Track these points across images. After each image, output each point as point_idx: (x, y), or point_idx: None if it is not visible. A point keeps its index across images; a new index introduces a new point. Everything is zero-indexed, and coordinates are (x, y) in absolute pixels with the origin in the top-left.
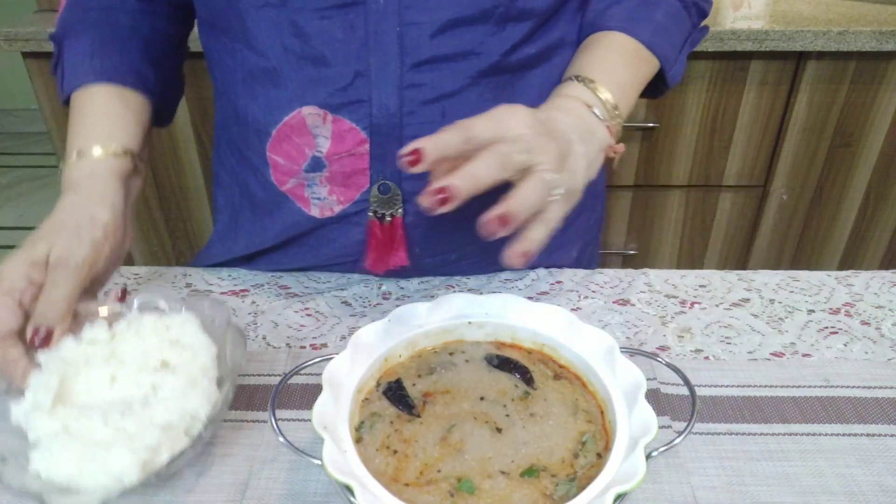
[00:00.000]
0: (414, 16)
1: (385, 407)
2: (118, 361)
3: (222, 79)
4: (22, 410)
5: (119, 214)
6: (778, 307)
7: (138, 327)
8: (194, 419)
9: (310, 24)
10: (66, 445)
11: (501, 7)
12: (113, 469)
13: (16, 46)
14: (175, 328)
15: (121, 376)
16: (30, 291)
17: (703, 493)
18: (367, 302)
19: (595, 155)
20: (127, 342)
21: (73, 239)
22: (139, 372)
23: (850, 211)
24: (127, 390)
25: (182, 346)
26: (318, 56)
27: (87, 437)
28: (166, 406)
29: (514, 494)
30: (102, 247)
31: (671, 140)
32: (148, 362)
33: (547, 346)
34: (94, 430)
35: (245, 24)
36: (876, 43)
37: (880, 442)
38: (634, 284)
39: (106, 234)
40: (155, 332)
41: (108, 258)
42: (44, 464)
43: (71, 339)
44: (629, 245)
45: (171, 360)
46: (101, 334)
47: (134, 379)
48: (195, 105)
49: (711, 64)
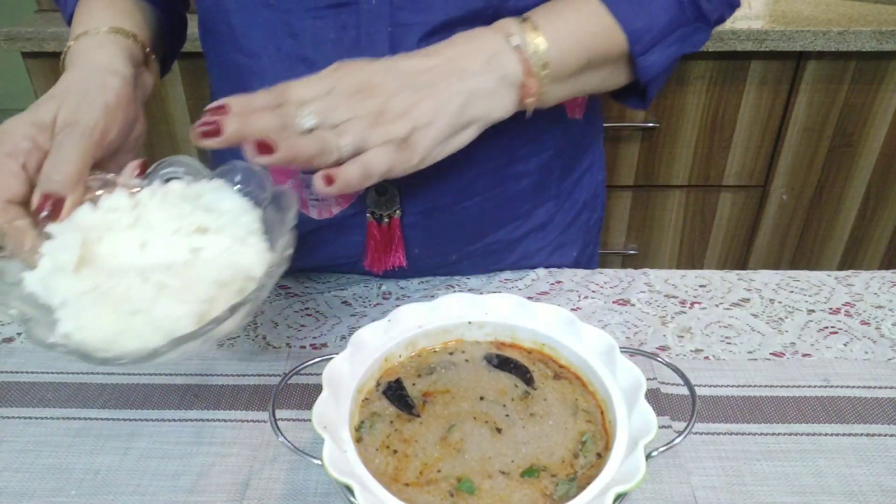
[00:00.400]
0: (406, 17)
1: (385, 407)
2: (146, 226)
3: (218, 79)
4: (38, 276)
5: (130, 87)
6: (778, 307)
7: (165, 194)
8: (248, 279)
9: (302, 25)
10: (99, 303)
11: (491, 8)
12: (162, 322)
13: (16, 46)
14: (208, 195)
15: (152, 241)
16: (35, 156)
17: (703, 493)
18: (367, 302)
19: (492, 87)
20: (153, 209)
21: (82, 102)
22: (173, 235)
23: (850, 211)
24: (162, 255)
25: (220, 212)
26: (311, 56)
27: (123, 295)
28: (215, 264)
29: (514, 494)
30: (115, 113)
31: (671, 140)
32: (182, 227)
33: (547, 346)
34: (132, 289)
35: (233, 26)
36: (876, 43)
37: (880, 442)
38: (634, 284)
39: (118, 101)
40: (184, 199)
41: (121, 131)
42: (73, 323)
43: (87, 206)
44: (629, 245)
45: (209, 226)
46: (121, 202)
47: (167, 243)
48: (195, 105)
49: (711, 64)
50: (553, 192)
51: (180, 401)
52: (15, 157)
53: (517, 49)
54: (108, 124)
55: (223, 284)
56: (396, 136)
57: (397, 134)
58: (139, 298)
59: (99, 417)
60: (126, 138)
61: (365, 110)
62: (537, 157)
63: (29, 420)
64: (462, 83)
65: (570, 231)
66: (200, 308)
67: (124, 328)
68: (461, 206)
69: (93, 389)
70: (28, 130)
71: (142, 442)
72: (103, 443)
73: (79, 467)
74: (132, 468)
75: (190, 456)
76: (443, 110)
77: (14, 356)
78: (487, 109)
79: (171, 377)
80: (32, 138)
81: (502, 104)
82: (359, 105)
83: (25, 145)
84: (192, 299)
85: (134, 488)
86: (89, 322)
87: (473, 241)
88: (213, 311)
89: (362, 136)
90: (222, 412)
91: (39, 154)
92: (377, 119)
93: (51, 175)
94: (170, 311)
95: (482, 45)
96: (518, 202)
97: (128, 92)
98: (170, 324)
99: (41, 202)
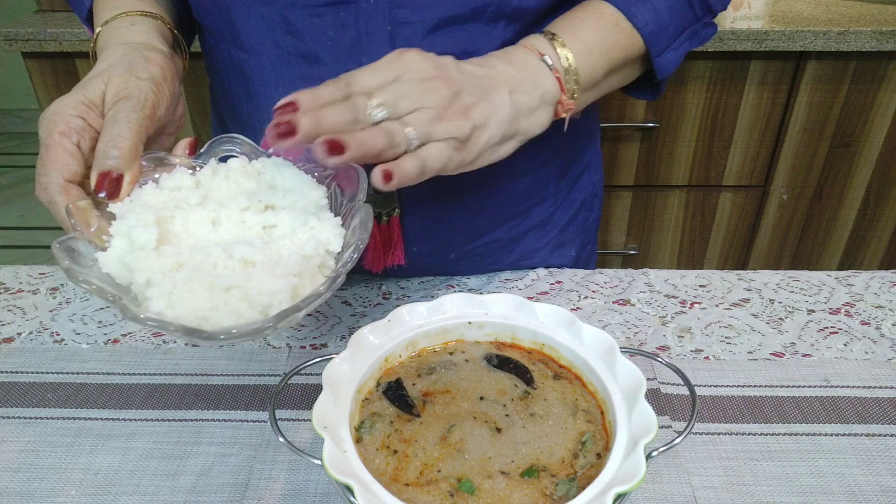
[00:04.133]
0: (405, 14)
1: (385, 407)
2: (215, 204)
3: (216, 79)
4: (113, 256)
5: (171, 62)
6: (778, 307)
7: (227, 172)
8: (328, 253)
9: (301, 22)
10: (189, 280)
11: (493, 5)
12: (257, 297)
13: (16, 46)
14: (269, 171)
15: (223, 219)
16: (88, 134)
17: (703, 493)
18: (367, 302)
19: (534, 105)
20: (218, 188)
21: (129, 76)
22: (244, 213)
23: (850, 211)
24: (237, 231)
25: (285, 189)
26: (311, 53)
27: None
28: (295, 239)
29: (514, 494)
30: (162, 87)
31: (671, 140)
32: (251, 205)
33: (547, 346)
34: (218, 265)
35: (233, 22)
36: (876, 43)
37: (880, 442)
38: (634, 284)
39: (164, 74)
40: (247, 176)
41: (168, 106)
42: (165, 301)
43: (150, 186)
44: (629, 245)
45: (276, 202)
46: (184, 180)
47: (240, 220)
48: (195, 105)
49: (711, 64)
50: (551, 192)
51: (180, 401)
52: (69, 136)
53: (553, 68)
54: (158, 98)
55: (307, 259)
56: (460, 134)
57: (461, 131)
58: (229, 274)
59: (99, 417)
60: (172, 115)
61: (432, 101)
62: (535, 156)
63: (29, 420)
64: (513, 95)
65: (569, 230)
66: (292, 282)
67: (218, 304)
68: (460, 205)
69: (93, 389)
70: (78, 109)
71: (142, 442)
72: (103, 443)
73: (79, 467)
74: (132, 468)
75: (190, 456)
76: (497, 117)
77: (14, 356)
78: (529, 125)
79: (171, 377)
80: (83, 117)
81: (540, 121)
82: (426, 95)
83: (78, 123)
84: (284, 273)
85: (134, 488)
86: (181, 299)
87: (472, 240)
88: (303, 284)
89: (427, 130)
90: (222, 412)
91: (92, 132)
92: (442, 113)
93: (107, 152)
94: (265, 285)
95: (524, 63)
96: (516, 201)
97: (171, 66)
98: (265, 298)
99: (100, 181)
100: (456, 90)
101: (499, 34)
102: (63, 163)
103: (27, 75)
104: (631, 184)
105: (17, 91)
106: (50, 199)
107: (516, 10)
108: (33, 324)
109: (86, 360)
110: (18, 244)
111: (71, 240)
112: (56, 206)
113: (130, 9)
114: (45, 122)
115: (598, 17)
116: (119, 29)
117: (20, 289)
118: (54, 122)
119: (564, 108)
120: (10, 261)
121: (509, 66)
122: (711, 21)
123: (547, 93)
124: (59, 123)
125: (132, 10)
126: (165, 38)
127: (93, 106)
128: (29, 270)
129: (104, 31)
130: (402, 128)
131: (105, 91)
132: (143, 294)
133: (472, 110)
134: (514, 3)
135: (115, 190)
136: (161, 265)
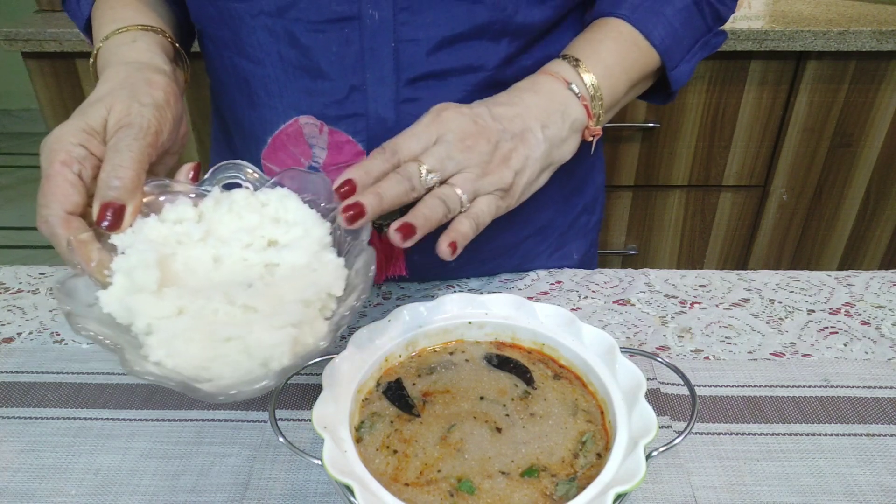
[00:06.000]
0: (409, 32)
1: (385, 407)
2: (217, 240)
3: (218, 84)
4: (114, 296)
5: (174, 82)
6: (778, 307)
7: (230, 204)
8: (329, 297)
9: (306, 36)
10: (189, 328)
11: (498, 23)
12: (256, 350)
13: (16, 46)
14: (273, 204)
15: (225, 256)
16: (90, 163)
17: (703, 493)
18: (367, 302)
19: (565, 135)
20: (221, 221)
21: (132, 102)
22: (246, 250)
23: (850, 211)
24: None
25: (288, 224)
26: (315, 67)
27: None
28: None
29: (514, 494)
30: (165, 112)
31: (671, 140)
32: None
33: (547, 346)
34: (219, 312)
35: (238, 32)
36: (876, 43)
37: (880, 442)
38: (634, 284)
39: (167, 98)
40: (250, 209)
41: (171, 130)
42: (164, 350)
43: (153, 218)
44: (629, 245)
45: (279, 239)
46: (187, 213)
47: (241, 257)
48: (195, 105)
49: (711, 64)
50: (554, 197)
51: (180, 401)
52: (70, 166)
53: (580, 96)
54: (161, 124)
55: (307, 304)
56: (503, 184)
57: (504, 181)
58: (229, 323)
59: (99, 417)
60: (175, 136)
61: (475, 160)
62: None
63: (29, 420)
64: (545, 131)
65: (570, 234)
66: (292, 333)
67: (217, 355)
68: None
69: (93, 389)
70: (79, 137)
71: (142, 442)
72: (103, 443)
73: (79, 467)
74: (132, 468)
75: (190, 456)
76: (533, 157)
77: (14, 356)
78: (562, 154)
79: None
80: (85, 145)
81: (570, 148)
82: (469, 155)
83: (79, 152)
84: (283, 324)
85: (134, 488)
86: (180, 349)
87: (474, 247)
88: (303, 333)
89: (475, 188)
90: (222, 412)
91: (94, 161)
92: (486, 168)
93: (109, 182)
94: (264, 338)
95: (552, 94)
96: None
97: (174, 88)
98: (265, 351)
99: (102, 212)
100: (495, 142)
101: (503, 49)
102: (64, 194)
103: (27, 75)
104: (631, 184)
105: (17, 91)
106: (51, 231)
107: (520, 26)
108: (33, 324)
109: (86, 360)
110: (18, 244)
111: (71, 278)
112: (58, 240)
113: (130, 22)
114: (46, 151)
115: (617, 38)
116: (120, 47)
117: (20, 289)
118: (55, 152)
119: (591, 133)
120: (10, 261)
121: (538, 97)
122: (721, 30)
123: (576, 121)
124: (60, 153)
125: (132, 23)
126: (167, 52)
127: (94, 133)
128: (29, 270)
129: (105, 48)
130: (453, 190)
131: (107, 118)
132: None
133: (511, 157)
134: (518, 20)
135: (117, 221)
136: (162, 310)
